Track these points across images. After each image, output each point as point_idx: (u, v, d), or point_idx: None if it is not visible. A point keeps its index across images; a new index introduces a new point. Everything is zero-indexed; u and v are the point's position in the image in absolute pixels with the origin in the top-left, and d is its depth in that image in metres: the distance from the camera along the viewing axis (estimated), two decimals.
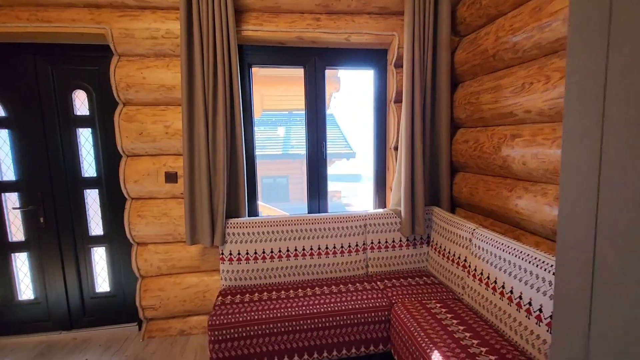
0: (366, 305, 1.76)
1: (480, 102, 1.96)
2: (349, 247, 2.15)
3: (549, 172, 1.50)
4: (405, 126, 2.10)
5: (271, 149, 9.10)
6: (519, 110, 1.66)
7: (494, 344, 1.40)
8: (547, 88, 1.47)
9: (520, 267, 1.43)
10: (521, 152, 1.64)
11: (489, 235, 1.68)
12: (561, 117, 1.44)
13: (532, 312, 1.35)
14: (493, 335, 1.46)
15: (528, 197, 1.64)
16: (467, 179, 2.18)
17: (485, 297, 1.63)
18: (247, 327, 1.64)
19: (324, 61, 2.31)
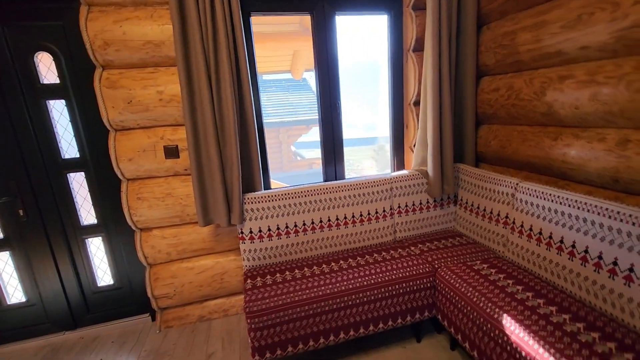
0: (409, 273, 1.65)
1: (516, 44, 1.76)
2: (375, 214, 2.01)
3: (611, 115, 1.37)
4: (432, 76, 1.89)
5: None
6: (572, 48, 1.48)
7: (561, 301, 1.32)
8: (616, 17, 1.29)
9: (575, 216, 1.34)
10: (574, 95, 1.49)
11: (536, 188, 1.56)
12: (630, 50, 1.28)
13: (589, 260, 1.28)
14: (554, 291, 1.39)
15: (580, 145, 1.51)
16: (495, 131, 2.04)
17: (534, 252, 1.54)
18: (288, 310, 1.49)
19: (333, 6, 2.00)
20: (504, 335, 1.23)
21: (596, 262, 1.29)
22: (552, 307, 1.29)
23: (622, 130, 1.36)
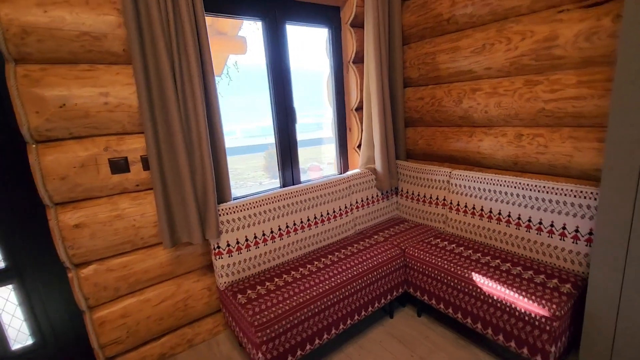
0: (384, 258, 1.86)
1: (437, 62, 2.22)
2: (339, 211, 2.16)
3: (509, 117, 1.91)
4: (375, 86, 2.18)
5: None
6: (479, 68, 1.99)
7: (494, 253, 1.77)
8: (509, 48, 1.83)
9: (494, 190, 1.82)
10: (484, 103, 2.00)
11: (466, 174, 2.02)
12: (520, 71, 1.83)
13: (501, 219, 1.78)
14: (487, 248, 1.84)
15: (489, 139, 2.04)
16: (421, 132, 2.49)
17: (469, 224, 1.99)
18: (293, 315, 1.48)
19: (284, 15, 2.06)
20: (472, 285, 1.58)
21: (507, 220, 1.79)
22: (488, 257, 1.72)
23: (516, 127, 1.91)
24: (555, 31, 1.66)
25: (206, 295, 1.93)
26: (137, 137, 1.59)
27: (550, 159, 1.79)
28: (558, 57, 1.67)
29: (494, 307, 1.51)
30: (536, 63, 1.75)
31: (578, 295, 1.44)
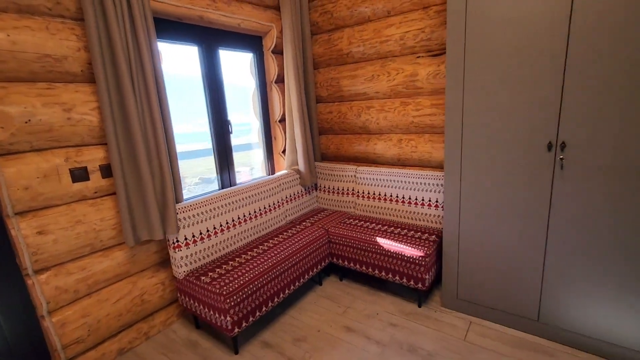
0: (314, 237, 2.40)
1: (341, 85, 2.89)
2: (273, 205, 2.61)
3: (392, 127, 2.69)
4: (296, 102, 2.72)
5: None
6: (371, 91, 2.73)
7: (390, 223, 2.50)
8: (390, 79, 2.60)
9: (387, 179, 2.58)
10: (376, 116, 2.75)
11: (367, 169, 2.73)
12: (397, 95, 2.62)
13: (392, 199, 2.55)
14: (384, 220, 2.56)
15: (381, 143, 2.80)
16: (331, 139, 3.13)
17: (372, 205, 2.70)
18: (250, 285, 1.88)
19: (217, 42, 2.43)
20: (376, 246, 2.24)
21: (396, 200, 2.55)
22: (386, 227, 2.44)
23: (398, 134, 2.70)
24: (416, 70, 2.47)
25: (160, 289, 2.14)
26: (95, 148, 1.76)
27: (420, 156, 2.62)
28: (419, 87, 2.50)
29: (390, 257, 2.19)
30: (407, 90, 2.56)
31: (439, 242, 2.24)
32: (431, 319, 2.11)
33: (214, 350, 1.97)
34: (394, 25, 2.50)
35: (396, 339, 1.95)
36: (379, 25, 2.56)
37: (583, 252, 1.66)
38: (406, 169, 2.59)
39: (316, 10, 2.87)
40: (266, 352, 1.93)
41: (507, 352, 1.80)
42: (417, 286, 2.13)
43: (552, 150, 1.64)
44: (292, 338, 2.02)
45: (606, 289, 1.63)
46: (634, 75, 1.40)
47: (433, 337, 1.95)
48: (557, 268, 1.74)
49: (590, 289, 1.67)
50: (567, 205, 1.65)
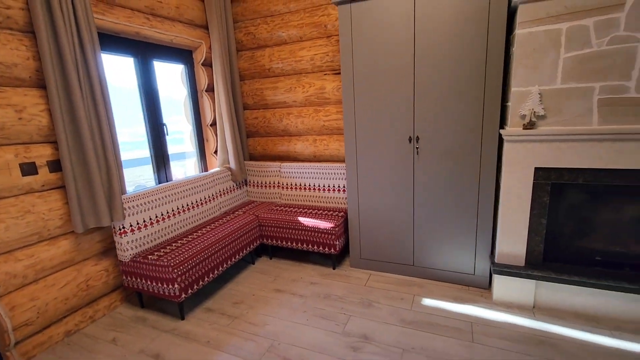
0: (246, 221, 2.85)
1: (264, 95, 3.42)
2: (208, 198, 2.99)
3: (309, 130, 3.31)
4: (226, 108, 3.16)
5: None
6: (290, 100, 3.32)
7: (309, 207, 3.09)
8: (304, 91, 3.22)
9: (307, 172, 3.18)
10: (295, 121, 3.34)
11: (289, 165, 3.29)
12: (311, 104, 3.25)
13: (321, 189, 3.17)
14: (305, 206, 3.15)
15: (301, 143, 3.40)
16: (258, 141, 3.62)
17: (294, 194, 3.27)
18: (194, 258, 2.25)
19: (152, 54, 2.75)
20: (299, 223, 2.80)
21: (314, 188, 3.16)
22: (306, 209, 3.02)
23: (313, 136, 3.33)
24: (324, 84, 3.14)
25: (104, 276, 2.35)
26: (43, 145, 1.97)
27: (331, 152, 3.28)
28: (327, 98, 3.16)
29: (309, 231, 2.77)
30: (318, 100, 3.20)
31: (346, 217, 2.90)
32: (342, 275, 2.74)
33: (162, 320, 2.27)
34: (305, 49, 3.13)
35: (315, 292, 2.52)
36: (294, 47, 3.17)
37: (434, 209, 2.45)
38: (320, 163, 3.21)
39: (240, 31, 3.37)
40: (209, 314, 2.30)
41: (392, 289, 2.50)
42: (330, 251, 2.74)
43: (412, 142, 2.40)
44: (231, 302, 2.44)
45: (447, 233, 2.45)
46: (448, 95, 2.22)
47: (343, 287, 2.57)
48: (421, 223, 2.51)
49: (439, 234, 2.47)
50: (422, 177, 2.43)
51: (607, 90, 1.78)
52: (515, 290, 2.18)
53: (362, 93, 2.45)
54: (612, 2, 1.69)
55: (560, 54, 1.83)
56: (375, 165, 2.53)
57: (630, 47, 1.71)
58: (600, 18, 1.73)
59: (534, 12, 1.84)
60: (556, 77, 1.86)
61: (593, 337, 1.88)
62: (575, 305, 2.07)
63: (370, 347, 1.89)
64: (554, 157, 1.93)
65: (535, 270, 2.09)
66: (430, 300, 2.32)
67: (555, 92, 1.88)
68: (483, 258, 2.36)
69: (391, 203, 2.57)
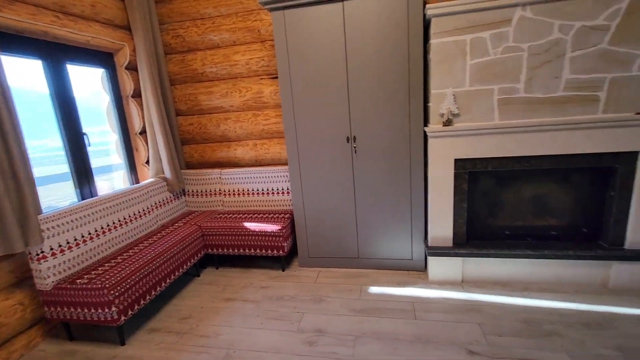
0: (186, 233, 2.72)
1: (199, 100, 3.30)
2: (142, 211, 2.78)
3: (248, 134, 3.29)
4: (157, 115, 2.97)
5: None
6: (227, 105, 3.26)
7: (251, 212, 3.07)
8: (242, 95, 3.19)
9: (249, 177, 3.17)
10: (234, 126, 3.29)
11: (230, 171, 3.23)
12: (249, 108, 3.24)
13: (264, 193, 3.16)
14: (248, 212, 3.12)
15: (241, 148, 3.35)
16: (194, 148, 3.48)
17: (238, 200, 3.22)
18: (132, 277, 2.08)
19: (64, 55, 2.47)
20: (245, 229, 2.77)
21: (258, 193, 3.16)
22: (251, 215, 3.00)
23: (253, 140, 3.32)
24: (261, 89, 3.15)
25: (19, 311, 2.04)
26: None
27: (272, 156, 3.30)
28: (265, 102, 3.18)
29: (256, 235, 2.75)
30: (256, 104, 3.20)
31: (292, 219, 2.95)
32: (292, 276, 2.78)
33: (97, 350, 2.05)
34: (240, 53, 3.11)
35: (267, 295, 2.51)
36: (228, 51, 3.13)
37: (374, 202, 2.64)
38: (263, 167, 3.21)
39: (168, 33, 3.21)
40: (154, 335, 2.15)
41: (341, 282, 2.62)
42: (279, 254, 2.76)
43: (350, 142, 2.56)
44: (177, 319, 2.30)
45: (387, 224, 2.65)
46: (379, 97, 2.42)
47: (294, 287, 2.61)
48: (363, 216, 2.68)
49: (380, 226, 2.67)
50: (361, 174, 2.60)
51: (503, 91, 2.14)
52: (446, 268, 2.46)
53: (301, 97, 2.53)
54: (502, 18, 2.04)
55: (467, 60, 2.14)
56: (317, 165, 2.64)
57: (518, 55, 2.08)
58: (494, 31, 2.07)
59: (444, 25, 2.13)
60: (465, 80, 2.17)
61: (508, 299, 2.22)
62: (494, 274, 2.42)
63: (325, 339, 1.97)
64: (468, 149, 2.24)
65: (461, 248, 2.39)
66: (376, 288, 2.48)
67: (466, 94, 2.19)
68: (419, 243, 2.61)
69: (334, 201, 2.69)
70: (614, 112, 2.03)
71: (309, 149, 2.61)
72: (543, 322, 1.96)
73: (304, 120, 2.56)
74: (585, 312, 2.02)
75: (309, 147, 2.61)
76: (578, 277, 2.29)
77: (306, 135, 2.59)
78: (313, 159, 2.63)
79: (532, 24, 2.02)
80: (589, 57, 1.99)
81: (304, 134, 2.59)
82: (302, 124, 2.58)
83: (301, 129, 2.59)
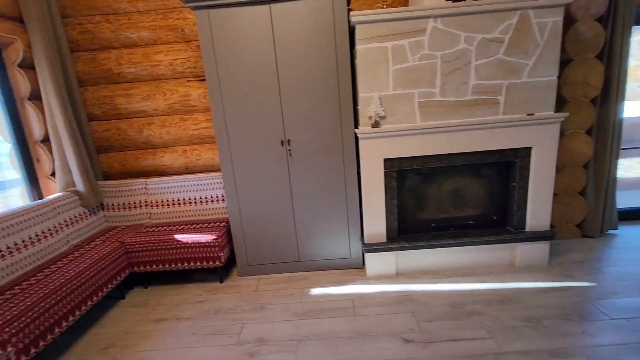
0: (105, 252, 2.42)
1: (116, 103, 2.98)
2: (48, 231, 2.40)
3: (176, 140, 3.07)
4: (63, 120, 2.61)
5: None
6: (150, 109, 3.00)
7: (197, 222, 2.87)
8: (167, 99, 2.97)
9: (178, 186, 2.96)
10: (159, 132, 3.04)
11: (157, 180, 2.98)
12: (176, 112, 3.02)
13: (198, 202, 2.98)
14: (190, 222, 2.91)
15: (168, 155, 3.11)
16: (113, 157, 3.13)
17: (169, 212, 2.98)
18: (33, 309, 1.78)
19: None
20: (177, 242, 2.57)
21: (191, 202, 2.96)
22: (183, 226, 2.81)
23: (182, 146, 3.11)
24: (188, 91, 2.97)
25: None
26: None
27: (205, 162, 3.13)
28: (193, 105, 3.00)
29: (190, 247, 2.57)
30: (183, 108, 3.01)
31: (228, 227, 2.82)
32: (231, 287, 2.66)
33: None
34: (162, 53, 2.90)
35: (203, 310, 2.36)
36: (148, 51, 2.89)
37: (311, 204, 2.65)
38: (194, 175, 3.02)
39: (74, 28, 2.84)
40: None
41: (282, 287, 2.58)
42: (216, 264, 2.61)
43: (284, 145, 2.54)
44: (98, 349, 2.04)
45: (325, 225, 2.69)
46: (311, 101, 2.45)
47: (233, 298, 2.49)
48: (302, 219, 2.68)
49: (318, 227, 2.70)
50: (298, 176, 2.60)
51: (422, 95, 2.32)
52: (382, 263, 2.58)
53: (231, 100, 2.44)
54: (418, 28, 2.22)
55: (389, 66, 2.28)
56: (252, 170, 2.56)
57: (433, 62, 2.28)
58: (412, 40, 2.24)
59: (367, 32, 2.24)
60: (389, 84, 2.31)
61: (437, 286, 2.41)
62: (424, 264, 2.61)
63: (267, 348, 1.91)
64: (395, 149, 2.39)
65: (394, 243, 2.53)
66: (317, 290, 2.50)
67: (390, 97, 2.33)
68: (356, 241, 2.70)
69: (272, 205, 2.64)
70: (510, 114, 2.34)
71: (243, 153, 2.53)
72: (466, 304, 2.17)
73: (236, 124, 2.48)
74: (499, 290, 2.29)
75: (242, 152, 2.53)
76: (492, 259, 2.59)
77: (239, 139, 2.50)
78: (248, 164, 2.55)
79: (443, 35, 2.23)
80: (489, 66, 2.27)
81: (237, 139, 2.50)
82: (235, 128, 2.49)
83: (233, 134, 2.50)
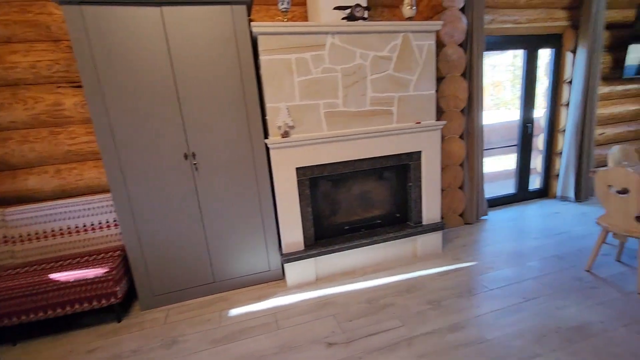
0: None
1: None
2: None
3: (46, 158, 2.53)
4: None
5: None
6: (4, 121, 2.41)
7: (82, 254, 2.39)
8: (28, 108, 2.42)
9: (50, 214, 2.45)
10: (19, 148, 2.46)
11: (21, 209, 2.40)
12: (43, 125, 2.49)
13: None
14: (72, 255, 2.41)
15: (34, 178, 2.54)
16: None
17: (42, 246, 2.42)
18: None
19: None
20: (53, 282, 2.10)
21: (68, 232, 2.48)
22: (61, 262, 2.33)
23: (55, 165, 2.58)
24: (60, 100, 2.49)
25: None
26: None
27: (87, 182, 2.65)
28: (68, 116, 2.52)
29: (75, 287, 2.13)
30: (54, 119, 2.50)
31: (124, 256, 2.44)
32: (133, 325, 2.30)
33: None
34: (19, 53, 2.36)
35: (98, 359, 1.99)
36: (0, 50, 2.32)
37: (223, 219, 2.50)
38: (74, 199, 2.53)
39: None
40: None
41: (197, 314, 2.36)
42: (110, 302, 2.23)
43: (188, 158, 2.34)
44: None
45: (239, 240, 2.57)
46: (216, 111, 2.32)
47: (136, 337, 2.16)
48: (213, 236, 2.50)
49: (233, 243, 2.56)
50: (205, 191, 2.42)
51: (327, 105, 2.44)
52: (301, 271, 2.60)
53: (120, 110, 2.13)
54: (318, 43, 2.33)
55: (294, 78, 2.33)
56: (151, 188, 2.28)
57: (334, 75, 2.41)
58: (313, 53, 2.33)
59: (270, 43, 2.24)
60: (296, 95, 2.36)
61: (353, 285, 2.54)
62: (340, 266, 2.72)
63: None
64: (306, 157, 2.44)
65: (311, 249, 2.57)
66: (236, 310, 2.36)
67: (297, 107, 2.38)
68: (274, 253, 2.65)
69: (178, 225, 2.40)
70: (402, 122, 2.64)
71: (139, 170, 2.23)
72: (380, 298, 2.34)
73: (129, 137, 2.17)
74: (406, 281, 2.54)
75: (138, 168, 2.23)
76: (398, 253, 2.86)
77: (132, 155, 2.20)
78: (145, 181, 2.26)
79: (340, 50, 2.38)
80: (382, 80, 2.52)
81: (130, 154, 2.20)
82: (126, 142, 2.18)
83: (125, 148, 2.18)
